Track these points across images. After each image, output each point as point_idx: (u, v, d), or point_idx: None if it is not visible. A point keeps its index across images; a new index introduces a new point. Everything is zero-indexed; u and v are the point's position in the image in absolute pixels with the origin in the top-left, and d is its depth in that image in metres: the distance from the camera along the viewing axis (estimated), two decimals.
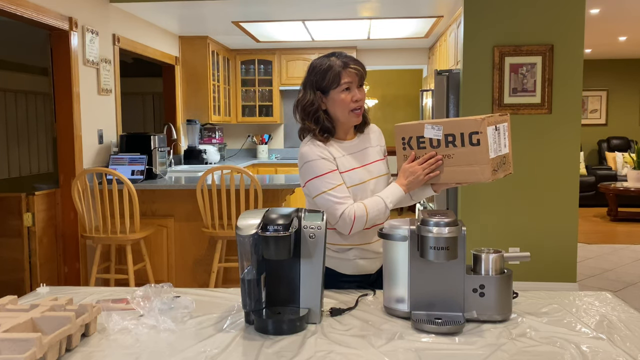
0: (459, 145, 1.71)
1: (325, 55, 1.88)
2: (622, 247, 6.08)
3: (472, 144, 1.69)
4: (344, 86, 1.82)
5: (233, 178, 3.75)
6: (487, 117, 1.68)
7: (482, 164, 1.69)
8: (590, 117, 9.69)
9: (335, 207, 1.77)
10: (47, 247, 4.00)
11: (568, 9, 4.16)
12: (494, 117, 1.71)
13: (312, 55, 7.26)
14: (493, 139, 1.69)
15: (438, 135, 1.73)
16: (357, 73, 1.83)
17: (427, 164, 1.76)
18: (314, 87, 1.85)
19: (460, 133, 1.70)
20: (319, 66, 1.84)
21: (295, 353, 1.30)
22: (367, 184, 1.87)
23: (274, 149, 7.76)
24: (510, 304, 1.51)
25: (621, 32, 7.16)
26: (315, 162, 1.81)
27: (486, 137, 1.67)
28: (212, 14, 5.25)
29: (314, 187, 1.81)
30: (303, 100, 1.87)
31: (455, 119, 1.73)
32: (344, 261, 1.90)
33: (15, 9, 3.44)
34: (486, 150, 1.67)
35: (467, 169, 1.71)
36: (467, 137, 1.69)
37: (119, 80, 4.82)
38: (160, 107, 7.61)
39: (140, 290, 1.56)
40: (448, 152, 1.74)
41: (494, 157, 1.70)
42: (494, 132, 1.71)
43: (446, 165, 1.75)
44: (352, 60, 1.84)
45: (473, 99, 4.28)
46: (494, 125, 1.71)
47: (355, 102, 1.84)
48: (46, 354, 1.20)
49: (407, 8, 5.07)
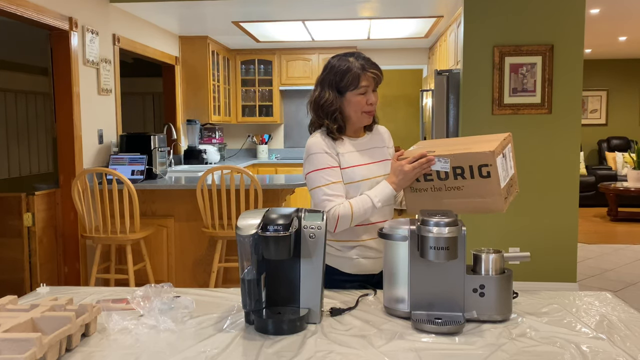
0: (468, 177, 1.66)
1: (343, 54, 1.90)
2: (622, 247, 6.08)
3: (482, 176, 1.64)
4: (362, 90, 1.85)
5: (233, 178, 3.75)
6: (496, 149, 1.62)
7: (493, 196, 1.64)
8: (590, 117, 9.69)
9: (324, 203, 1.80)
10: (47, 247, 4.00)
11: (568, 9, 4.16)
12: (501, 145, 1.66)
13: (312, 55, 7.26)
14: (502, 168, 1.65)
15: (446, 168, 1.69)
16: (374, 78, 1.86)
17: (418, 163, 1.74)
18: (332, 87, 1.88)
19: (469, 165, 1.65)
20: (338, 66, 1.87)
21: (295, 353, 1.30)
22: (369, 182, 1.88)
23: (274, 149, 7.76)
24: (510, 304, 1.51)
25: (621, 32, 7.16)
26: (318, 156, 1.85)
27: (496, 168, 1.62)
28: (212, 14, 5.25)
29: (312, 179, 1.85)
30: (321, 98, 1.90)
31: (464, 152, 1.66)
32: (346, 260, 1.90)
33: (15, 9, 3.44)
34: (497, 181, 1.63)
35: (478, 201, 1.67)
36: (477, 170, 1.64)
37: (119, 80, 4.82)
38: (160, 107, 7.61)
39: (140, 290, 1.56)
40: (457, 184, 1.68)
41: (504, 185, 1.66)
42: (502, 160, 1.66)
43: (455, 197, 1.70)
44: (370, 64, 1.86)
45: (473, 99, 4.28)
46: (502, 153, 1.66)
47: (369, 105, 1.88)
48: (46, 354, 1.20)
49: (407, 8, 5.07)
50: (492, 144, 1.65)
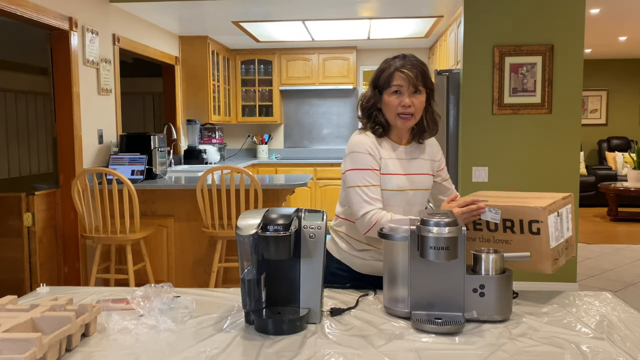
0: (517, 232, 1.61)
1: (397, 54, 1.87)
2: (622, 247, 6.08)
3: (531, 232, 1.58)
4: (394, 89, 1.81)
5: (233, 178, 3.75)
6: (548, 206, 1.57)
7: (541, 255, 1.58)
8: (590, 117, 9.69)
9: (362, 204, 1.76)
10: (47, 247, 4.00)
11: (568, 9, 4.16)
12: (556, 203, 1.61)
13: (312, 55, 7.27)
14: (554, 227, 1.59)
15: (496, 219, 1.64)
16: (406, 78, 1.79)
17: (468, 208, 1.67)
18: (373, 86, 1.87)
19: (520, 220, 1.60)
20: (381, 65, 1.86)
21: (295, 353, 1.30)
22: (404, 193, 1.84)
23: (274, 149, 7.76)
24: (510, 304, 1.51)
25: (621, 32, 7.16)
26: (360, 155, 1.81)
27: (547, 226, 1.56)
28: (212, 14, 5.25)
29: (351, 178, 1.81)
30: (364, 96, 1.90)
31: (515, 205, 1.62)
32: (360, 260, 1.91)
33: (15, 9, 3.44)
34: (547, 240, 1.57)
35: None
36: (527, 225, 1.59)
37: (119, 80, 4.82)
38: (160, 107, 7.61)
39: (140, 290, 1.56)
40: (506, 237, 1.64)
41: (555, 245, 1.59)
42: (556, 219, 1.60)
43: (505, 251, 1.61)
44: (408, 64, 1.80)
45: (473, 99, 4.28)
46: (556, 211, 1.60)
47: (403, 107, 1.80)
48: (46, 354, 1.20)
49: (407, 8, 5.07)
50: (546, 201, 1.60)
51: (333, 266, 1.96)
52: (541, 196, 1.69)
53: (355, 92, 7.61)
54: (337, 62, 7.28)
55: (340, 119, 7.70)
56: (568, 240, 1.66)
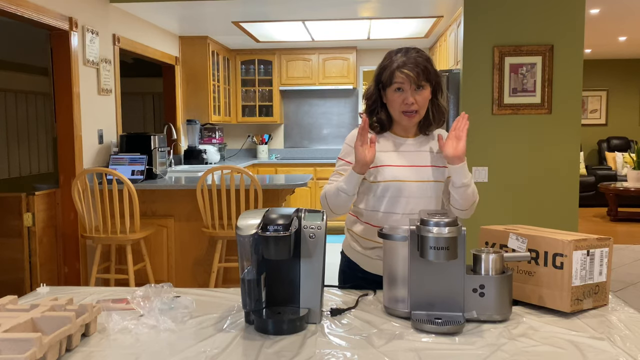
0: (541, 264, 1.57)
1: (399, 48, 1.87)
2: (622, 247, 6.08)
3: (555, 266, 1.54)
4: (396, 86, 1.80)
5: (233, 178, 3.75)
6: (576, 241, 1.52)
7: (562, 291, 1.53)
8: (590, 117, 9.70)
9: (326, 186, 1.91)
10: (47, 247, 4.00)
11: (568, 9, 4.16)
12: (587, 241, 1.55)
13: (312, 55, 7.27)
14: (581, 265, 1.54)
15: (522, 248, 1.61)
16: (407, 76, 1.77)
17: (454, 126, 1.78)
18: (375, 81, 1.87)
19: (545, 251, 1.56)
20: (383, 60, 1.86)
21: (295, 353, 1.30)
22: (405, 184, 1.82)
23: (274, 149, 7.76)
24: (510, 304, 1.51)
25: (621, 32, 7.16)
26: (345, 146, 1.92)
27: (571, 261, 1.52)
28: (212, 14, 5.25)
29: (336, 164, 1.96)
30: (367, 91, 1.91)
31: (542, 235, 1.59)
32: (367, 258, 1.93)
33: (15, 9, 3.44)
34: (569, 276, 1.52)
35: (546, 292, 1.56)
36: (551, 258, 1.55)
37: (119, 80, 4.82)
38: (160, 107, 7.61)
39: (140, 290, 1.57)
40: (529, 268, 1.60)
41: (579, 285, 1.54)
42: (584, 258, 1.54)
43: (526, 282, 1.61)
44: (409, 64, 1.78)
45: (473, 99, 4.28)
46: (586, 249, 1.54)
47: (406, 104, 1.79)
48: (46, 354, 1.20)
49: (407, 8, 5.07)
50: (575, 236, 1.56)
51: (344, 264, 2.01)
52: (574, 234, 1.65)
53: (355, 92, 7.61)
54: (337, 62, 7.28)
55: (340, 119, 7.70)
56: (599, 286, 1.59)
